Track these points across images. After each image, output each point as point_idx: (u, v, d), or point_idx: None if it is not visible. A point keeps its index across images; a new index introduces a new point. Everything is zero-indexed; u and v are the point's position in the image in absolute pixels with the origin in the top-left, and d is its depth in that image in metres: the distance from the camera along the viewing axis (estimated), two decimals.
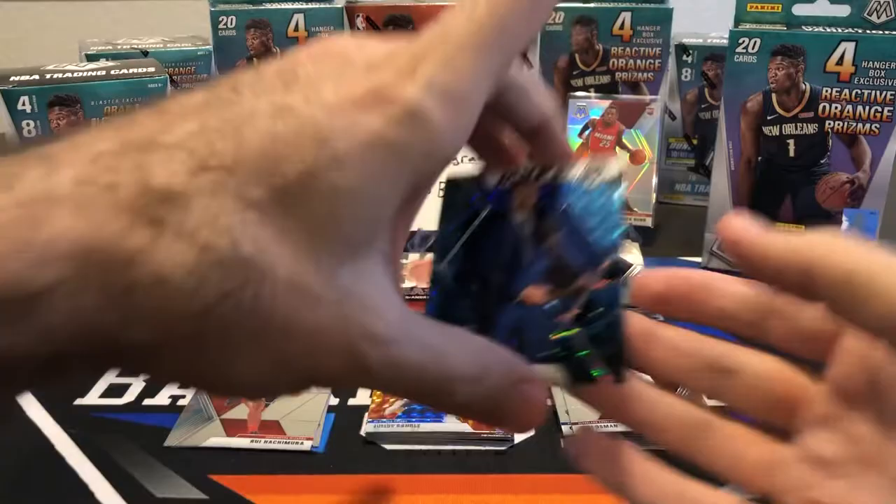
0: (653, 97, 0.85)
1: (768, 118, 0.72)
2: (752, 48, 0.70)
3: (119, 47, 0.86)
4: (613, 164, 0.28)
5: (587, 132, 0.83)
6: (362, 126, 0.19)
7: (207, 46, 0.87)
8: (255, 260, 0.17)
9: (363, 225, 0.19)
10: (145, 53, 0.84)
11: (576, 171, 0.27)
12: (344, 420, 0.53)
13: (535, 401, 0.23)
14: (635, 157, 0.82)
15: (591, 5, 0.88)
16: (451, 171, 0.27)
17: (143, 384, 0.57)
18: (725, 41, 0.71)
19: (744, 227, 0.22)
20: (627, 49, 0.88)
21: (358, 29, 0.89)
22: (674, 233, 0.83)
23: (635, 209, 0.81)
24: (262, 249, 0.17)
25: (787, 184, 0.73)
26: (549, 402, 0.52)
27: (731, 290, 0.25)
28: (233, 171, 0.18)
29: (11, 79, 0.67)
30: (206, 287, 0.17)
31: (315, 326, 0.19)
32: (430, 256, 0.27)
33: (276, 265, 0.18)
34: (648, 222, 0.80)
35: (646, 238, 0.79)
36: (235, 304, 0.17)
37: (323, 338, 0.19)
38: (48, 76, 0.68)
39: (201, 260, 0.17)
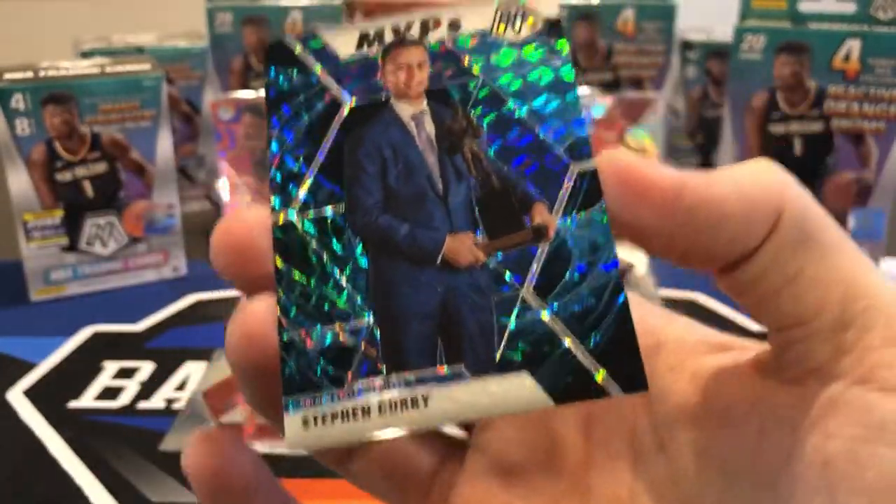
0: (656, 95, 0.84)
1: (774, 116, 0.71)
2: (758, 45, 0.69)
3: (114, 44, 0.84)
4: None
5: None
6: None
7: (203, 43, 0.86)
8: None
9: None
10: (140, 50, 0.83)
11: (482, 15, 0.18)
12: None
13: None
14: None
15: (594, 2, 0.87)
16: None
17: (139, 387, 0.56)
18: (730, 38, 0.70)
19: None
20: (631, 46, 0.87)
21: None
22: None
23: None
24: None
25: None
26: None
27: None
28: None
29: (5, 76, 0.65)
30: None
31: None
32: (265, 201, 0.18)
33: None
34: None
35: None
36: None
37: None
38: (42, 73, 0.67)
39: None
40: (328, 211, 0.17)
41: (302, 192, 0.18)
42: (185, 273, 0.75)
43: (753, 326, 0.62)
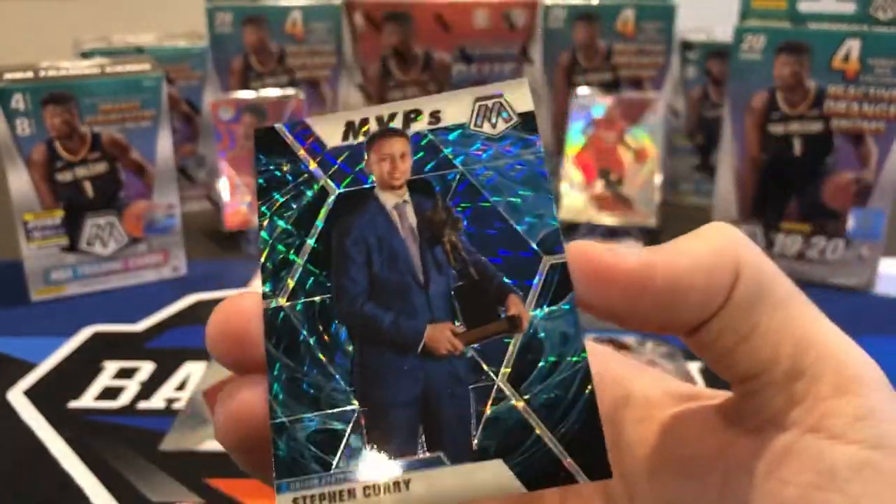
0: (656, 95, 0.84)
1: (773, 116, 0.71)
2: (757, 45, 0.69)
3: (114, 44, 0.84)
4: (517, 88, 0.19)
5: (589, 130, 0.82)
6: None
7: (203, 43, 0.86)
8: None
9: None
10: (140, 50, 0.83)
11: (460, 107, 0.19)
12: None
13: None
14: (638, 156, 0.81)
15: (594, 2, 0.87)
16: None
17: (139, 387, 0.56)
18: (730, 38, 0.70)
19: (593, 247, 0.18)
20: (630, 46, 0.87)
21: (356, 25, 0.88)
22: (678, 232, 0.80)
23: (639, 208, 0.80)
24: None
25: (793, 183, 0.72)
26: None
27: None
28: None
29: (5, 76, 0.65)
30: None
31: None
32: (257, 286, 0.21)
33: None
34: (652, 222, 0.79)
35: (649, 238, 0.78)
36: None
37: None
38: (42, 73, 0.67)
39: None
40: (316, 298, 0.18)
41: (292, 280, 0.18)
42: (185, 273, 0.75)
43: None
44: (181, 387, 0.57)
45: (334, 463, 0.17)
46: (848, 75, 0.68)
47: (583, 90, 0.85)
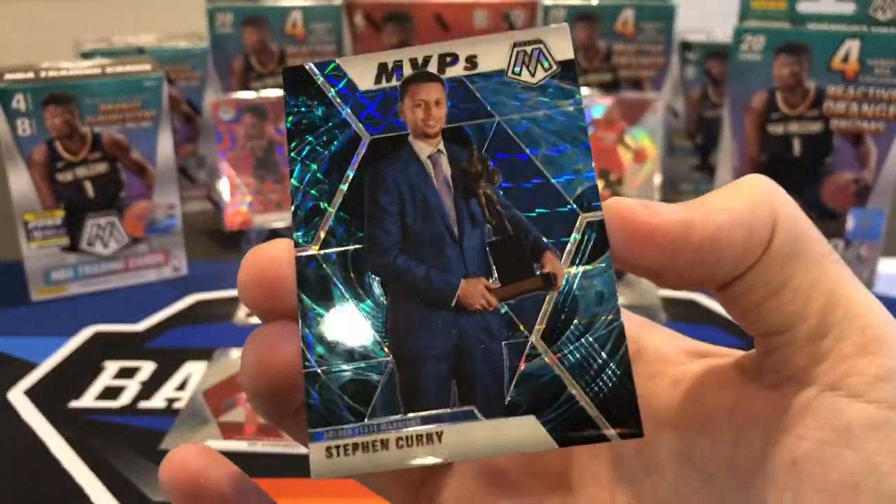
0: (656, 95, 0.84)
1: (773, 117, 0.71)
2: (757, 46, 0.69)
3: (114, 45, 0.85)
4: (558, 35, 0.18)
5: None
6: None
7: (204, 44, 0.87)
8: None
9: None
10: (141, 51, 0.83)
11: (497, 52, 0.18)
12: None
13: None
14: (638, 156, 0.81)
15: (594, 2, 0.87)
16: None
17: (139, 387, 0.57)
18: (730, 38, 0.70)
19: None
20: (630, 46, 0.87)
21: (356, 26, 0.88)
22: None
23: None
24: None
25: (792, 183, 0.72)
26: None
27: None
28: None
29: (6, 77, 0.66)
30: None
31: None
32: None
33: None
34: None
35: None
36: None
37: None
38: (43, 74, 0.67)
39: None
40: (349, 248, 0.18)
41: (324, 228, 0.18)
42: (186, 273, 0.75)
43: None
44: (182, 386, 0.57)
45: (367, 413, 0.17)
46: (847, 76, 0.68)
47: (582, 90, 0.85)
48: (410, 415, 0.17)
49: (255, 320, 0.65)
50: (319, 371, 0.17)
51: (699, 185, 0.90)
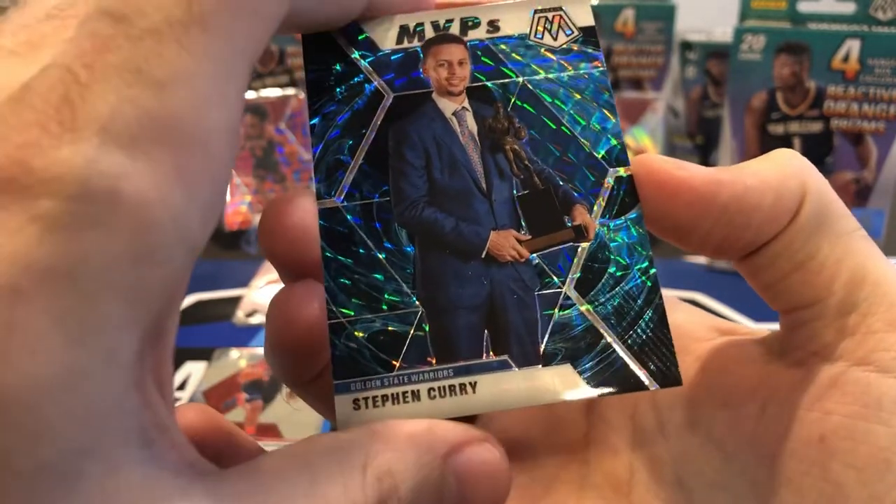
0: (656, 95, 0.84)
1: (773, 116, 0.71)
2: (757, 45, 0.69)
3: None
4: (578, 2, 0.18)
5: None
6: None
7: None
8: None
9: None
10: None
11: (519, 17, 0.18)
12: None
13: (485, 469, 0.16)
14: None
15: (593, 2, 0.87)
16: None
17: None
18: (730, 38, 0.70)
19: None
20: (630, 46, 0.87)
21: None
22: None
23: None
24: None
25: None
26: None
27: None
28: None
29: None
30: None
31: None
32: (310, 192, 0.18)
33: None
34: None
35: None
36: None
37: None
38: None
39: None
40: (374, 200, 0.18)
41: (348, 181, 0.18)
42: None
43: (754, 325, 0.62)
44: (181, 386, 0.57)
45: (398, 364, 0.17)
46: (848, 75, 0.68)
47: None
48: (443, 365, 0.17)
49: (254, 320, 0.65)
50: (345, 321, 0.17)
51: None
